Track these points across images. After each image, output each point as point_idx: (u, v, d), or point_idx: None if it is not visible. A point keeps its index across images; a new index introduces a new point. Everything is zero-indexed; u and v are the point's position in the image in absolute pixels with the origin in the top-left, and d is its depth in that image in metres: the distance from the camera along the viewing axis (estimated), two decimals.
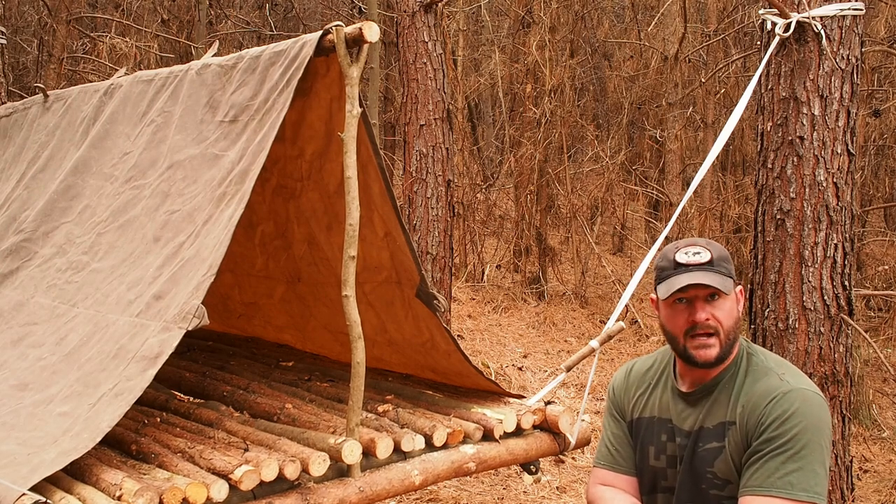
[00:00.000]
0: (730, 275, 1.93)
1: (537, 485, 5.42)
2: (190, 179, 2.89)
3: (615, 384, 2.20)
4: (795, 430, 1.79)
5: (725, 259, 1.95)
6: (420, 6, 6.25)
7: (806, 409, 1.81)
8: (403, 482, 2.55)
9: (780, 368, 1.92)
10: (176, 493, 2.10)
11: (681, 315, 1.94)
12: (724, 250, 1.98)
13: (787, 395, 1.83)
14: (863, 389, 6.67)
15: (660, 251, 2.12)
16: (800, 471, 1.76)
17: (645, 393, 2.11)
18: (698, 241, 1.99)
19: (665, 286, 1.93)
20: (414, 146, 6.33)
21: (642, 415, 2.07)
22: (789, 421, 1.80)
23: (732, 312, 1.93)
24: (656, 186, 10.81)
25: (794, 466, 1.77)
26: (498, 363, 7.54)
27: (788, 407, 1.81)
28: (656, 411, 2.06)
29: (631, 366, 2.22)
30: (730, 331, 1.92)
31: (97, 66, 8.38)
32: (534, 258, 10.40)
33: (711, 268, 1.91)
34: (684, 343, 1.93)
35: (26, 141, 4.06)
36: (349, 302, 2.43)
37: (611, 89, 12.72)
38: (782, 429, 1.79)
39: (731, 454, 1.87)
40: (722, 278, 1.90)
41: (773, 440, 1.80)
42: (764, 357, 1.97)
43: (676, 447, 1.99)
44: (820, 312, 3.75)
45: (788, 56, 3.83)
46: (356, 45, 2.51)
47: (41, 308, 3.05)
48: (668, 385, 2.06)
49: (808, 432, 1.79)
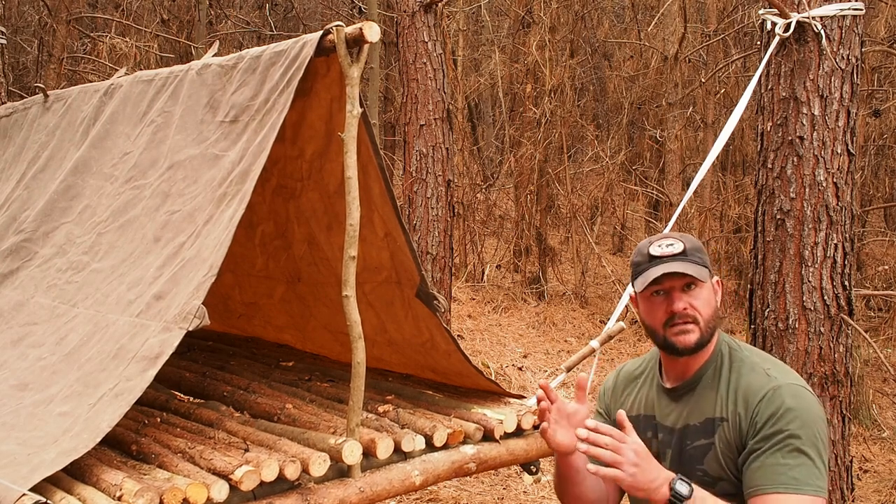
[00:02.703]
0: (704, 264, 1.93)
1: (537, 485, 5.42)
2: (190, 180, 2.89)
3: (605, 385, 2.23)
4: (793, 424, 1.79)
5: (699, 249, 1.95)
6: (420, 6, 6.25)
7: (797, 403, 1.81)
8: (404, 482, 2.56)
9: (764, 363, 1.92)
10: (176, 494, 2.10)
11: (659, 307, 1.94)
12: (697, 241, 1.98)
13: (778, 390, 1.83)
14: (863, 389, 6.68)
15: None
16: (802, 466, 1.77)
17: (632, 392, 2.12)
18: (671, 234, 1.99)
19: (641, 279, 1.94)
20: (414, 146, 6.33)
21: (629, 413, 2.07)
22: (785, 416, 1.80)
23: (710, 301, 1.93)
24: (656, 186, 10.82)
25: (796, 462, 1.77)
26: (498, 363, 7.54)
27: (782, 403, 1.81)
28: (641, 409, 2.07)
29: (621, 368, 2.23)
30: (709, 319, 1.92)
31: (97, 66, 8.38)
32: (534, 258, 10.41)
33: (685, 257, 1.91)
34: (664, 334, 1.93)
35: (26, 141, 4.05)
36: (349, 302, 2.43)
37: (611, 89, 12.72)
38: (779, 425, 1.80)
39: (722, 451, 1.88)
40: (697, 267, 1.90)
41: (771, 437, 1.80)
42: (747, 352, 1.97)
43: (659, 443, 2.00)
44: (820, 312, 3.75)
45: (788, 56, 3.83)
46: (356, 45, 2.51)
47: (41, 308, 3.04)
48: (654, 382, 2.07)
49: (805, 426, 1.79)
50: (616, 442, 1.75)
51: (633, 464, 1.74)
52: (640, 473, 1.74)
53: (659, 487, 1.75)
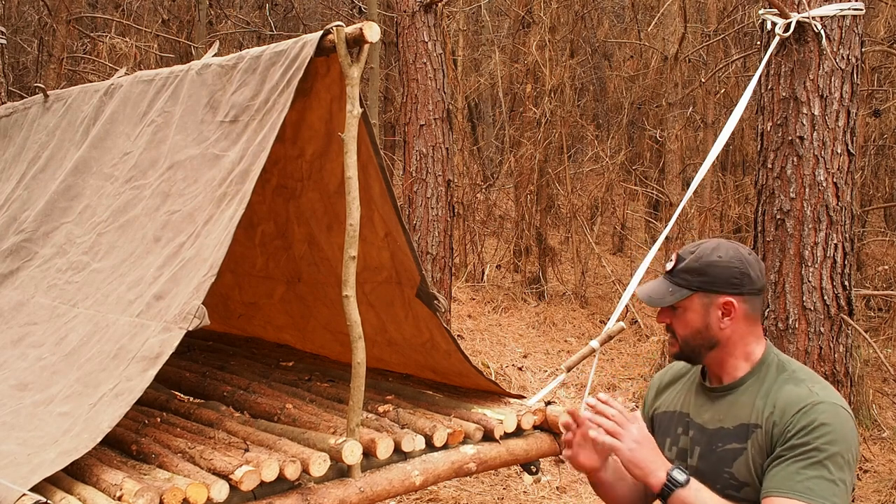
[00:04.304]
0: (688, 286, 1.93)
1: (537, 485, 5.42)
2: (190, 179, 2.89)
3: (653, 381, 2.27)
4: (822, 440, 1.79)
5: (694, 270, 1.93)
6: (420, 6, 6.25)
7: (834, 421, 1.82)
8: (404, 482, 2.56)
9: (810, 381, 1.92)
10: (176, 494, 2.10)
11: None
12: (703, 258, 1.94)
13: (817, 406, 1.84)
14: (863, 389, 6.67)
15: (660, 251, 2.15)
16: (820, 479, 1.77)
17: (672, 391, 2.16)
18: (693, 245, 2.01)
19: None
20: (414, 146, 6.33)
21: (666, 410, 2.12)
22: (817, 430, 1.81)
23: (691, 323, 1.94)
24: (656, 186, 10.81)
25: (815, 473, 1.77)
26: (498, 363, 7.54)
27: (817, 417, 1.82)
28: (678, 406, 2.10)
29: (669, 367, 2.27)
30: (686, 337, 1.96)
31: (97, 66, 8.38)
32: (534, 258, 10.40)
33: (669, 277, 1.96)
34: None
35: (26, 141, 4.05)
36: (350, 302, 2.43)
37: (611, 89, 12.72)
38: (809, 437, 1.80)
39: (753, 457, 1.88)
40: (670, 287, 1.94)
41: (798, 447, 1.81)
42: (796, 367, 1.99)
43: (689, 440, 2.01)
44: (820, 312, 3.75)
45: (788, 56, 3.83)
46: (357, 45, 2.51)
47: (41, 308, 3.04)
48: (695, 381, 2.10)
49: (835, 444, 1.79)
50: (621, 416, 1.84)
51: (634, 440, 1.83)
52: (639, 451, 1.82)
53: (656, 471, 1.81)
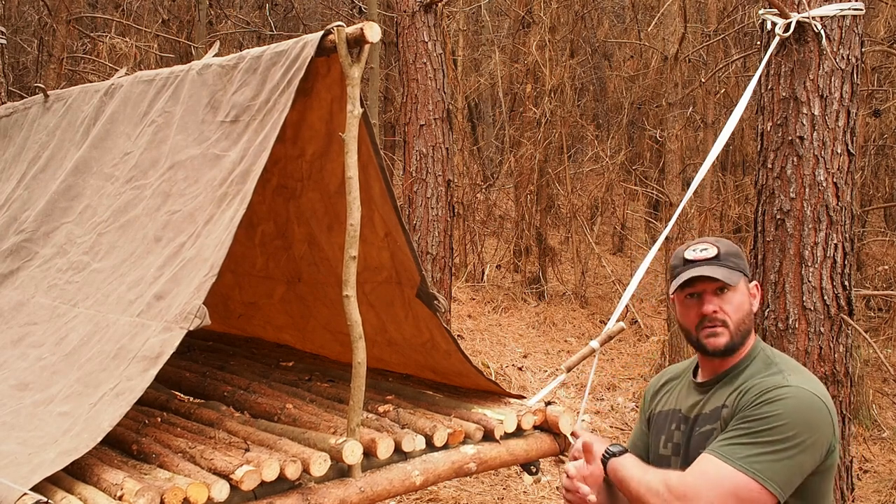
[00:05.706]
0: (738, 269, 1.99)
1: (537, 485, 5.43)
2: (191, 180, 2.89)
3: (650, 382, 2.30)
4: (773, 418, 1.79)
5: (734, 254, 2.01)
6: (420, 6, 6.25)
7: (796, 404, 1.82)
8: (404, 482, 2.56)
9: (788, 371, 1.93)
10: (177, 493, 2.10)
11: (692, 309, 2.01)
12: (734, 246, 2.03)
13: (782, 388, 1.85)
14: (863, 389, 6.67)
15: (660, 251, 2.16)
16: (760, 453, 1.77)
17: (670, 390, 2.18)
18: (708, 239, 2.05)
19: (675, 282, 2.02)
20: (414, 146, 6.33)
21: (662, 409, 2.14)
22: (772, 407, 1.81)
23: (742, 306, 1.98)
24: (656, 186, 10.81)
25: (754, 443, 1.79)
26: (498, 363, 7.54)
27: (776, 395, 1.83)
28: (673, 404, 2.13)
29: (665, 371, 2.31)
30: (739, 323, 1.97)
31: (97, 66, 8.38)
32: (534, 258, 10.41)
33: (718, 262, 1.97)
34: (696, 335, 2.00)
35: (27, 141, 4.05)
36: (350, 302, 2.43)
37: (611, 89, 12.72)
38: (761, 411, 1.81)
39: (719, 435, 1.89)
40: (728, 271, 1.96)
41: (747, 418, 1.82)
42: (779, 359, 2.00)
43: (681, 434, 2.02)
44: (820, 312, 3.75)
45: (788, 56, 3.83)
46: (357, 45, 2.51)
47: (41, 308, 3.05)
48: (688, 379, 2.12)
49: (787, 425, 1.79)
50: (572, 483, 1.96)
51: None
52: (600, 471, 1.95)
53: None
